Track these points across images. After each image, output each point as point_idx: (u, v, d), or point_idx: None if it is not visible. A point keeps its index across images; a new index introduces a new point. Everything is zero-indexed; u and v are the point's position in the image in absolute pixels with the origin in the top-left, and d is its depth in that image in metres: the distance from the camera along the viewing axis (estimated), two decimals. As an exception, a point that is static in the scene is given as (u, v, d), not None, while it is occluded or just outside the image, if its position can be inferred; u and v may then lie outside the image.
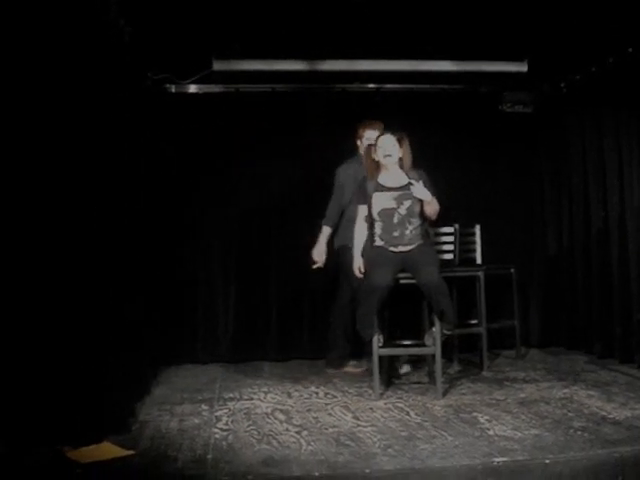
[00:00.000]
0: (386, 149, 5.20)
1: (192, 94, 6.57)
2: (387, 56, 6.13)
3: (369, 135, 5.67)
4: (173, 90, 6.52)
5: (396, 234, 5.13)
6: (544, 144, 7.08)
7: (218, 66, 6.06)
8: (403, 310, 6.09)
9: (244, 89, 6.59)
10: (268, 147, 6.60)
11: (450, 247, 5.99)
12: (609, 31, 5.43)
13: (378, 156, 5.23)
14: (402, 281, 5.08)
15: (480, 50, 6.04)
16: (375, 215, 5.19)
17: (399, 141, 5.24)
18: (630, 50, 5.62)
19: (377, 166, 5.28)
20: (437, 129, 6.66)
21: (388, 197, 5.17)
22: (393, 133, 5.25)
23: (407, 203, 5.14)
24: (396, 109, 6.50)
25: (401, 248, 5.11)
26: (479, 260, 6.21)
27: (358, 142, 5.85)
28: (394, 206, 5.15)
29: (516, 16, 5.28)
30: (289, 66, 6.14)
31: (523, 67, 6.32)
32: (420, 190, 5.06)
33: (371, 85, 6.70)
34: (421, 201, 5.14)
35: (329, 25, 5.37)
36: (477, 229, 6.26)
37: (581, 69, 6.30)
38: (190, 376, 5.96)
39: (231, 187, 6.61)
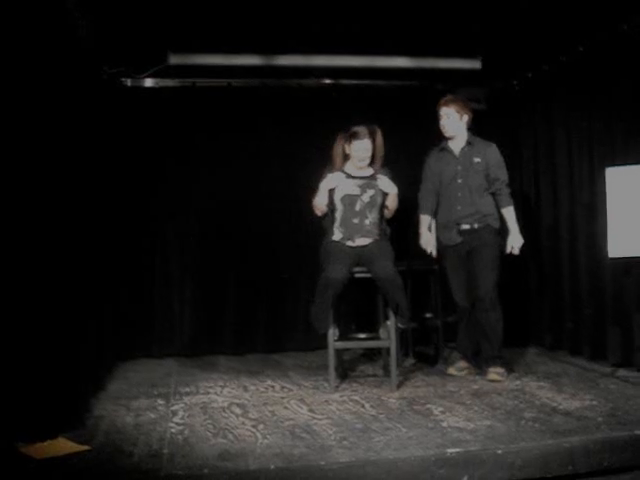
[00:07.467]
0: (363, 153, 5.26)
1: (148, 88, 6.51)
2: (344, 52, 6.14)
3: None
4: (129, 84, 6.45)
5: (355, 221, 5.18)
6: (497, 141, 7.14)
7: (174, 60, 6.03)
8: (358, 304, 6.16)
9: (200, 83, 6.56)
10: (224, 142, 6.60)
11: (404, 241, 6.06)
12: (561, 30, 5.53)
13: (352, 151, 5.27)
14: (357, 275, 5.12)
15: (435, 47, 6.08)
16: (337, 201, 5.23)
17: (373, 134, 5.30)
18: (581, 49, 5.73)
19: (346, 157, 5.33)
20: (392, 125, 6.63)
21: (352, 184, 5.23)
22: (368, 126, 5.30)
23: (370, 192, 5.21)
24: (352, 105, 6.53)
25: (358, 241, 5.15)
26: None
27: None
28: (357, 193, 5.21)
29: (471, 14, 5.35)
30: (246, 61, 6.13)
31: (477, 64, 6.38)
32: (387, 183, 5.19)
33: (327, 80, 6.72)
34: (384, 195, 5.22)
35: (286, 20, 5.37)
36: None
37: (533, 67, 6.40)
38: (146, 371, 5.94)
39: (188, 182, 6.58)
